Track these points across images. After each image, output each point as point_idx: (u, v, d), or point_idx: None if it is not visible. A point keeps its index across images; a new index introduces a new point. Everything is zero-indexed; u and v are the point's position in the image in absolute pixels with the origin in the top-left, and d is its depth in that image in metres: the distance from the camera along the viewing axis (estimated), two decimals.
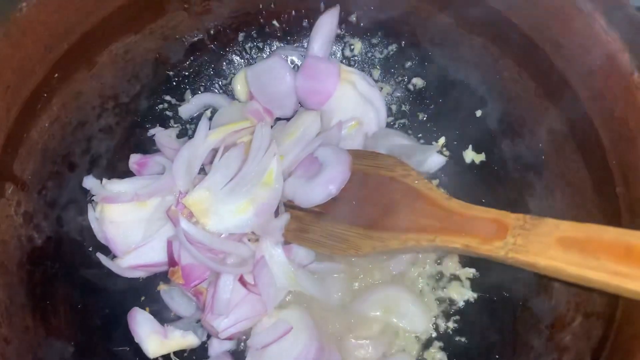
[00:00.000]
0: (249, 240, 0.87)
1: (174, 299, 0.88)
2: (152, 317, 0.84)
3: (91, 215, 0.87)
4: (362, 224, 0.81)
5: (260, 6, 0.97)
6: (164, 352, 0.84)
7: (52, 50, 0.75)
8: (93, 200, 0.87)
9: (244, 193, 0.84)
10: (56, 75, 0.78)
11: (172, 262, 0.83)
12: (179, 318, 0.88)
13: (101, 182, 0.86)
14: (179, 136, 0.98)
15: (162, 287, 0.89)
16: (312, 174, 0.87)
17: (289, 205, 0.88)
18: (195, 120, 0.99)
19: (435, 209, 0.75)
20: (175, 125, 0.99)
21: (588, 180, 0.77)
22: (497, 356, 0.83)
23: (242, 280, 0.84)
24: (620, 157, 0.69)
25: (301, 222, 0.87)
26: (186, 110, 0.99)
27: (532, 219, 0.64)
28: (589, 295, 0.74)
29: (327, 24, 0.96)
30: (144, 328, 0.83)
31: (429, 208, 0.75)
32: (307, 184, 0.86)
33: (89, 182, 0.86)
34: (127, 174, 0.92)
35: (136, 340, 0.83)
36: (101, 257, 0.85)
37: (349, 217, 0.83)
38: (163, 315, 0.88)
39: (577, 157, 0.79)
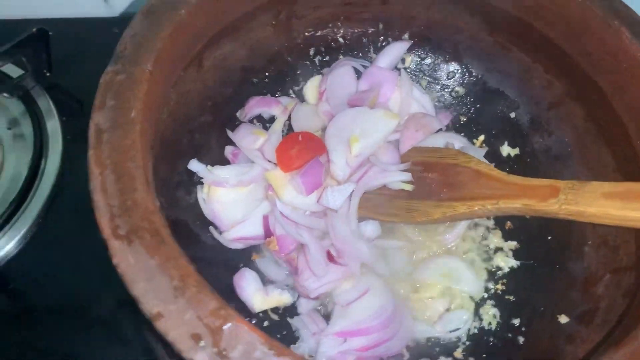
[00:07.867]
0: None
1: (267, 266, 1.02)
2: (257, 276, 0.97)
3: (199, 195, 1.00)
4: (433, 199, 0.96)
5: (330, 26, 1.15)
6: (265, 307, 0.96)
7: (190, 51, 0.90)
8: (202, 182, 1.01)
9: None
10: (181, 73, 0.93)
11: (268, 233, 0.99)
12: (270, 282, 1.01)
13: (207, 167, 1.00)
14: None
15: (256, 257, 1.02)
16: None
17: None
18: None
19: (497, 182, 0.90)
20: (258, 124, 1.14)
21: (610, 164, 0.96)
22: (542, 308, 0.97)
23: (327, 252, 0.99)
24: None
25: (374, 202, 1.02)
26: None
27: (580, 182, 0.80)
28: (615, 256, 0.92)
29: (397, 49, 1.16)
30: (252, 285, 0.95)
31: (492, 182, 0.90)
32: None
33: (194, 165, 0.99)
34: (222, 162, 1.07)
35: (242, 297, 0.95)
36: (213, 231, 0.99)
37: (419, 195, 0.99)
38: None
39: (599, 145, 0.98)
